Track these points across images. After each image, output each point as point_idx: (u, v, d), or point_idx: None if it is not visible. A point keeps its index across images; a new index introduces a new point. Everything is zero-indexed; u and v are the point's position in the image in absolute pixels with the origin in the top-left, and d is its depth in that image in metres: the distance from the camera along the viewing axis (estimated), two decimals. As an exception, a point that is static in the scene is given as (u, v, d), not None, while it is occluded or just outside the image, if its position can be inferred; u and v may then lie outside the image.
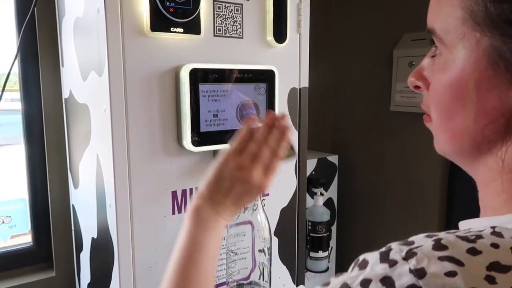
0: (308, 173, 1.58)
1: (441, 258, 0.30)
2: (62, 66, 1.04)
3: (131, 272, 0.76)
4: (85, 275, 1.01)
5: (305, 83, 0.96)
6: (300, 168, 0.98)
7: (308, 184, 1.54)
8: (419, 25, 1.48)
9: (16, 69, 1.09)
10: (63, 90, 1.06)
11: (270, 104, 0.87)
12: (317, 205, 1.53)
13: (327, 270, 1.54)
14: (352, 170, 1.82)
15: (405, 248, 0.31)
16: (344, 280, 0.32)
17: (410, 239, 0.33)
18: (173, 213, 0.80)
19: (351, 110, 1.83)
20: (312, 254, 1.49)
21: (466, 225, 0.39)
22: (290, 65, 0.93)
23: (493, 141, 0.37)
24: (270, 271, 0.82)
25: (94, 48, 0.76)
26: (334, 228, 1.77)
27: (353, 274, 0.32)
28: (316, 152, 1.76)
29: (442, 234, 0.32)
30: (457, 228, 0.39)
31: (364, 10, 1.73)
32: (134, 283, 0.77)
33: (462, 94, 0.38)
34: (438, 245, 0.31)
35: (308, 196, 1.50)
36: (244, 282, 0.80)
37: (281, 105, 0.91)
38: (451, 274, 0.28)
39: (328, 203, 1.70)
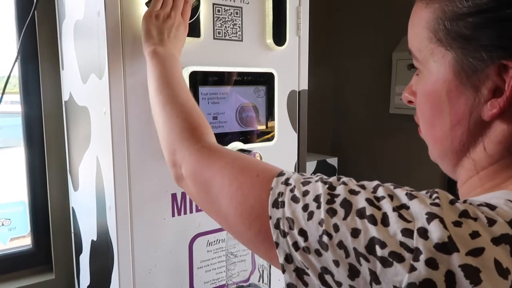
0: (307, 176, 1.58)
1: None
2: (62, 68, 1.04)
3: (131, 275, 0.76)
4: (85, 278, 1.01)
5: (304, 85, 0.96)
6: (299, 170, 0.98)
7: (308, 186, 1.55)
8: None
9: (16, 72, 1.09)
10: (63, 92, 1.06)
11: (270, 107, 0.87)
12: (317, 208, 1.53)
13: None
14: (351, 172, 1.82)
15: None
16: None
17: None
18: (173, 215, 0.81)
19: (351, 112, 1.84)
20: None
21: None
22: (290, 67, 0.93)
23: (467, 144, 0.42)
24: (270, 273, 0.82)
25: (94, 51, 0.76)
26: (333, 231, 1.77)
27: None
28: (315, 154, 1.76)
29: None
30: None
31: (363, 13, 1.73)
32: (133, 286, 0.77)
33: (438, 103, 0.43)
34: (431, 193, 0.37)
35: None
36: (244, 284, 0.80)
37: (280, 108, 0.91)
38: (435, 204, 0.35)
39: (328, 206, 1.70)
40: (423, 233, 0.33)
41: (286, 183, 0.42)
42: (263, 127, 0.87)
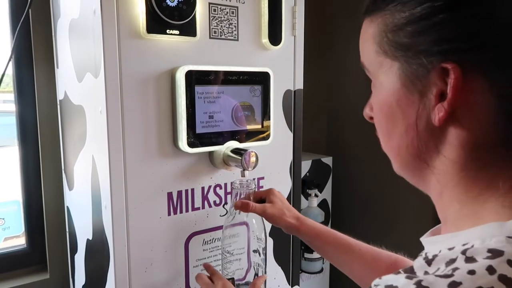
0: (302, 175, 1.58)
1: None
2: (57, 67, 1.04)
3: (127, 273, 0.76)
4: (80, 277, 1.01)
5: (299, 85, 0.96)
6: (294, 170, 0.99)
7: (303, 185, 1.55)
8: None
9: (9, 71, 1.08)
10: (57, 91, 1.06)
11: (265, 106, 0.88)
12: (312, 206, 1.53)
13: (321, 271, 1.55)
14: (346, 171, 1.83)
15: None
16: None
17: (390, 281, 0.34)
18: (169, 214, 0.81)
19: (346, 112, 1.85)
20: (306, 255, 1.49)
21: (432, 243, 0.39)
22: (285, 67, 0.93)
23: (429, 153, 0.41)
24: (265, 271, 0.83)
25: (90, 50, 0.76)
26: (328, 230, 1.77)
27: None
28: (310, 153, 1.76)
29: (421, 276, 0.34)
30: None
31: (359, 12, 1.74)
32: (129, 284, 0.77)
33: (391, 114, 0.43)
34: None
35: (302, 198, 1.51)
36: (240, 282, 0.81)
37: (276, 107, 0.92)
38: None
39: (323, 205, 1.71)
40: None
41: None
42: (258, 126, 0.88)
